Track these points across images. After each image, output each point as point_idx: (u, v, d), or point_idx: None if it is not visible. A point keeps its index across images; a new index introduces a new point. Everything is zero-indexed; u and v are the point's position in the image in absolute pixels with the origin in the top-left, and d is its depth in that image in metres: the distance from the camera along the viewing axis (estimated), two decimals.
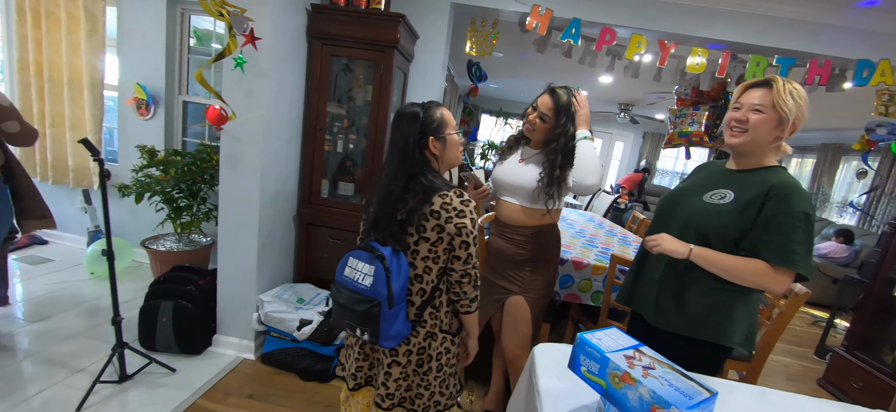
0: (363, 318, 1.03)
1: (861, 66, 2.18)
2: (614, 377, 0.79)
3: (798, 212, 1.04)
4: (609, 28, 2.23)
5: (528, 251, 1.53)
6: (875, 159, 4.74)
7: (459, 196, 1.07)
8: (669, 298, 1.22)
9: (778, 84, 1.12)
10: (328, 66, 2.08)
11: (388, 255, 1.04)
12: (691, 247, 1.15)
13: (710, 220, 1.15)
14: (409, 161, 1.09)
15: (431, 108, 1.13)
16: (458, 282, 1.08)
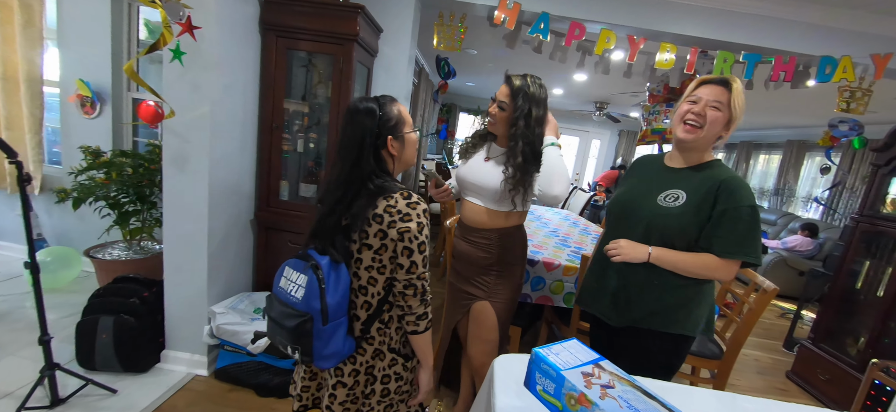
0: (294, 335, 0.91)
1: (824, 62, 2.20)
2: (570, 398, 0.72)
3: (744, 206, 1.10)
4: (578, 23, 2.17)
5: (493, 254, 1.45)
6: (837, 155, 4.91)
7: (407, 198, 0.96)
8: (630, 300, 1.23)
9: (736, 85, 1.14)
10: (284, 60, 1.95)
11: (325, 265, 0.93)
12: (650, 251, 1.17)
13: (672, 222, 1.16)
14: (364, 162, 0.98)
15: (388, 104, 1.02)
16: (401, 293, 0.97)
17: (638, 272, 1.21)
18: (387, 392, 1.05)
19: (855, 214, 2.67)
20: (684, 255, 1.16)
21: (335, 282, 0.93)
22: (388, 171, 1.03)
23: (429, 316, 1.00)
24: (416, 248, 0.95)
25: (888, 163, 2.50)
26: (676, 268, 1.16)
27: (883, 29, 2.25)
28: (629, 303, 1.23)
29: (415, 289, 0.96)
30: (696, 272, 1.16)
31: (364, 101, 1.01)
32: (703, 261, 1.14)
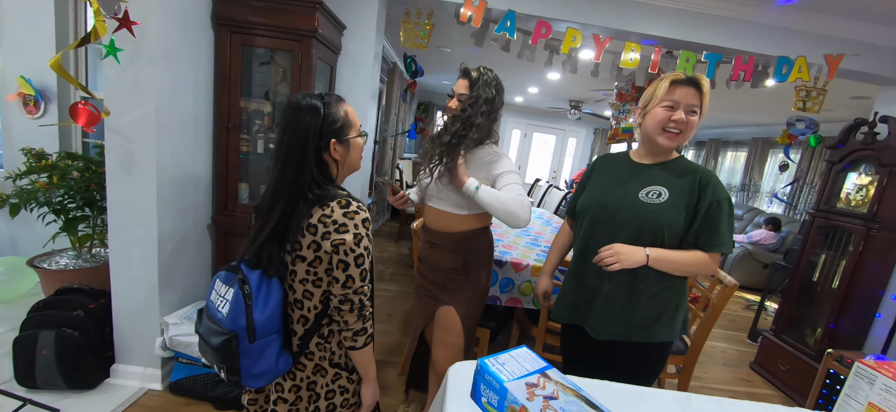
0: (219, 354, 0.84)
1: (781, 62, 2.26)
2: (510, 410, 0.69)
3: (724, 199, 1.13)
4: (544, 21, 2.16)
5: (457, 258, 1.42)
6: (797, 152, 5.12)
7: (345, 206, 0.90)
8: (617, 309, 1.20)
9: (705, 85, 1.14)
10: (239, 57, 1.86)
11: (254, 280, 0.86)
12: (647, 253, 1.14)
13: (661, 218, 1.14)
14: (304, 166, 0.90)
15: (334, 104, 0.95)
16: (336, 308, 0.91)
17: (626, 279, 1.17)
18: (332, 407, 1.00)
19: (812, 209, 2.77)
20: (680, 254, 1.15)
21: (265, 297, 0.87)
22: (330, 177, 0.96)
23: (367, 331, 0.94)
24: (353, 261, 0.88)
25: (842, 160, 2.60)
26: (673, 267, 1.15)
27: (836, 30, 2.33)
28: (616, 313, 1.19)
29: (351, 304, 0.90)
30: (690, 269, 1.16)
31: (307, 96, 0.94)
32: (697, 257, 1.14)
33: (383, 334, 2.63)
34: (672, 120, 1.14)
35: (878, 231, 2.38)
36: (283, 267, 0.92)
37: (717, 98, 4.85)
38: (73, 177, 2.08)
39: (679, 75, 1.16)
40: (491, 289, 2.05)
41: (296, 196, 0.90)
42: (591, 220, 1.26)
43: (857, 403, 1.03)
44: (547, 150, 8.90)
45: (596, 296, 1.23)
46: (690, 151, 8.01)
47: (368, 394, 1.02)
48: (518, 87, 6.25)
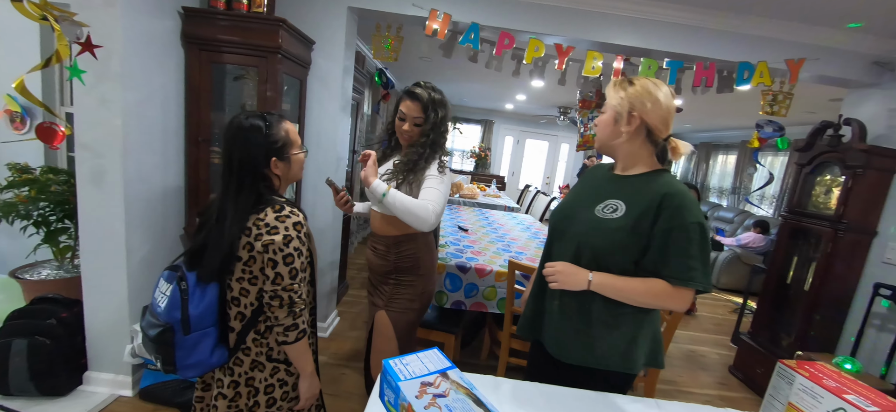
0: (155, 344, 0.94)
1: (742, 67, 2.30)
2: (403, 408, 0.73)
3: (693, 223, 0.96)
4: (507, 33, 2.22)
5: (389, 262, 1.46)
6: (766, 155, 5.13)
7: (278, 211, 0.98)
8: (571, 332, 1.09)
9: (611, 81, 1.11)
10: (208, 73, 1.94)
11: (191, 277, 0.95)
12: (589, 278, 1.01)
13: (606, 238, 1.02)
14: (247, 182, 0.99)
15: (276, 125, 1.04)
16: (267, 305, 0.98)
17: (578, 301, 1.06)
18: (273, 401, 1.06)
19: (783, 212, 2.79)
20: (631, 281, 1.00)
21: (201, 293, 0.95)
22: (273, 189, 1.05)
23: (298, 326, 1.00)
24: (281, 260, 0.96)
25: (810, 162, 2.63)
26: (621, 295, 1.00)
27: (796, 36, 2.37)
28: (569, 335, 1.09)
29: (280, 300, 0.97)
30: (644, 301, 1.00)
31: (249, 117, 1.02)
32: (653, 287, 0.98)
33: (358, 341, 2.67)
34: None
35: (845, 232, 2.39)
36: (218, 268, 0.98)
37: (706, 104, 4.89)
38: (52, 190, 2.15)
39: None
40: (455, 295, 2.10)
41: (241, 212, 0.98)
42: (550, 232, 1.21)
43: (778, 403, 1.05)
44: (540, 156, 8.94)
45: (552, 316, 1.13)
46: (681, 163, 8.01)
47: (305, 387, 1.08)
48: (507, 95, 6.33)
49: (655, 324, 1.12)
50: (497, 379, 1.06)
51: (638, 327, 1.07)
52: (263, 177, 1.02)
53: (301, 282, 1.00)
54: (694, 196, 1.05)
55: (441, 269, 2.08)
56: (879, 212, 2.41)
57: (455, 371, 0.82)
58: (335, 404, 2.02)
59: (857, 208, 2.38)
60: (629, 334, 1.06)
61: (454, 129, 7.82)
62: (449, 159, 1.52)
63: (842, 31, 2.34)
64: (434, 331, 2.04)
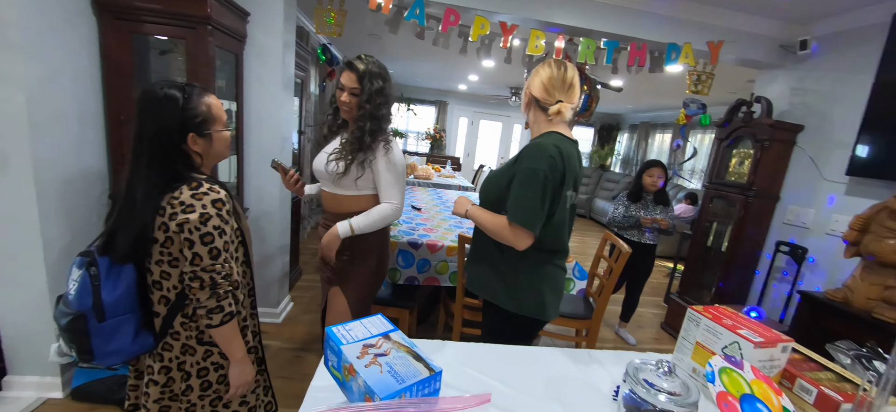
0: (67, 334, 0.89)
1: (670, 48, 2.49)
2: (345, 370, 0.76)
3: (525, 168, 1.13)
4: (452, 9, 2.23)
5: (345, 239, 1.46)
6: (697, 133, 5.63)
7: (195, 188, 0.92)
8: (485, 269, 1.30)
9: (534, 71, 1.26)
10: (127, 45, 1.77)
11: (104, 262, 0.90)
12: (468, 208, 1.28)
13: (489, 182, 1.28)
14: (163, 158, 0.92)
15: (195, 97, 0.97)
16: (188, 286, 0.93)
17: (477, 240, 1.32)
18: (207, 384, 1.03)
19: (705, 183, 3.08)
20: (488, 214, 1.23)
21: (115, 278, 0.91)
22: (194, 166, 0.99)
23: (223, 309, 0.96)
24: (199, 240, 0.91)
25: (728, 137, 2.92)
26: (482, 224, 1.24)
27: (717, 20, 2.58)
28: (482, 276, 1.32)
29: (201, 281, 0.93)
30: (494, 231, 1.20)
31: (166, 86, 0.95)
32: (498, 221, 1.19)
33: (313, 325, 2.65)
34: None
35: (755, 198, 2.70)
36: (134, 251, 0.93)
37: (647, 85, 5.21)
38: None
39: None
40: (408, 271, 2.14)
41: (153, 190, 0.92)
42: None
43: (688, 343, 1.20)
44: (494, 136, 9.11)
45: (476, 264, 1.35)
46: (625, 134, 8.52)
47: (235, 374, 1.04)
48: (459, 75, 6.34)
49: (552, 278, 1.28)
50: (443, 342, 1.11)
51: (531, 274, 1.24)
52: (181, 153, 0.96)
53: (225, 262, 0.96)
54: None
55: (393, 247, 2.10)
56: (782, 179, 2.74)
57: (397, 332, 0.86)
58: (292, 387, 2.01)
59: (764, 177, 2.69)
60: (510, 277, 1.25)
61: (408, 111, 7.73)
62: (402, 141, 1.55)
63: (754, 16, 2.59)
64: (388, 308, 2.07)
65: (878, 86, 2.15)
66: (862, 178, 2.26)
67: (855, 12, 2.35)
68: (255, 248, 2.47)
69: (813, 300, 2.12)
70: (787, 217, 2.70)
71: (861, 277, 1.97)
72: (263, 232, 2.48)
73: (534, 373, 1.03)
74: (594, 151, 8.84)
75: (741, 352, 0.97)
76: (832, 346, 1.20)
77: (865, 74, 2.23)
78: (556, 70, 1.23)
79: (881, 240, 1.88)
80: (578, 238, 6.09)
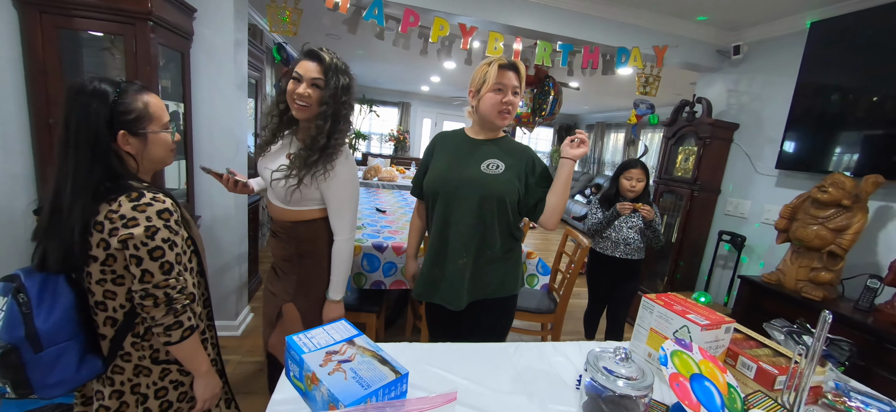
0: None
1: (620, 52, 2.62)
2: (307, 379, 0.73)
3: (543, 163, 1.37)
4: (412, 10, 2.22)
5: (291, 246, 1.34)
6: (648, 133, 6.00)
7: (135, 200, 0.85)
8: (472, 278, 1.33)
9: (522, 69, 1.29)
10: (54, 42, 1.61)
11: (33, 287, 0.81)
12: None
13: (504, 187, 1.29)
14: (92, 159, 0.83)
15: (131, 93, 0.88)
16: (140, 305, 0.87)
17: (479, 251, 1.32)
18: (168, 404, 0.96)
19: (656, 179, 3.28)
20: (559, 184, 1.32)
21: (50, 303, 0.82)
22: (130, 172, 0.90)
23: (183, 324, 0.90)
24: (147, 255, 0.84)
25: (674, 135, 3.11)
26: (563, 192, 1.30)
27: (662, 26, 2.75)
28: (471, 282, 1.33)
29: (154, 299, 0.86)
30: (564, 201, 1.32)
31: (98, 80, 0.87)
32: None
33: None
34: (503, 102, 1.26)
35: (700, 192, 2.90)
36: (72, 269, 0.85)
37: (601, 87, 5.45)
38: None
39: (503, 59, 1.27)
40: (373, 275, 2.10)
41: (82, 192, 0.83)
42: (443, 199, 1.33)
43: (643, 329, 1.26)
44: None
45: (455, 271, 1.32)
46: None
47: (201, 388, 0.99)
48: (422, 77, 6.34)
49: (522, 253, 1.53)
50: (410, 343, 1.10)
51: (517, 255, 1.41)
52: (112, 154, 0.86)
53: (179, 275, 0.89)
54: None
55: (358, 251, 2.06)
56: (722, 173, 2.97)
57: (362, 337, 0.84)
58: (255, 404, 1.90)
59: (707, 172, 2.89)
60: (513, 262, 1.39)
61: (371, 112, 7.62)
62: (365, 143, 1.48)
63: (693, 23, 2.78)
64: (354, 313, 2.02)
65: (799, 87, 2.39)
66: (789, 171, 2.49)
67: (777, 21, 2.59)
68: (211, 258, 2.33)
69: (751, 283, 2.31)
70: (728, 208, 2.92)
71: (791, 261, 2.17)
72: (219, 240, 2.35)
73: (500, 368, 1.05)
74: (554, 150, 9.13)
75: (690, 335, 1.03)
76: (768, 325, 1.31)
77: (789, 77, 2.46)
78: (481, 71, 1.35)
79: (806, 226, 2.08)
80: (541, 234, 6.27)
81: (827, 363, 1.03)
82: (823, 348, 0.85)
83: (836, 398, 0.95)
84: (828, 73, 2.28)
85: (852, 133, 2.17)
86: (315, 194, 1.29)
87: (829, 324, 0.82)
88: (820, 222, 2.02)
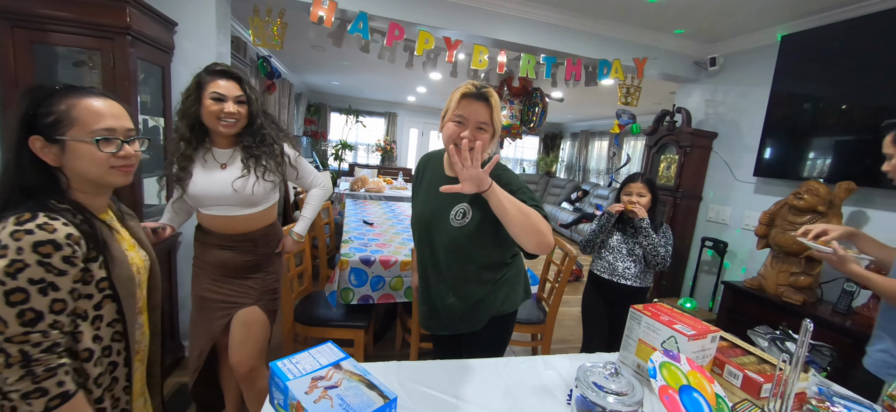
0: None
1: (602, 64, 2.67)
2: (292, 408, 0.71)
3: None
4: (397, 24, 2.23)
5: (256, 256, 1.42)
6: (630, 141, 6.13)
7: (23, 222, 0.69)
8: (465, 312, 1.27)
9: (494, 100, 1.08)
10: (28, 57, 1.56)
11: None
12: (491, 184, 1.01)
13: (467, 241, 1.17)
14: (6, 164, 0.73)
15: (61, 95, 0.75)
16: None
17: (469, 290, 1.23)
18: None
19: None
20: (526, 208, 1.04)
21: None
22: (58, 187, 0.77)
23: (47, 391, 0.70)
24: (3, 299, 0.67)
25: (656, 144, 3.18)
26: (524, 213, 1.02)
27: (641, 39, 2.83)
28: (465, 316, 1.27)
29: (6, 357, 0.68)
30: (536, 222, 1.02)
31: (47, 82, 0.81)
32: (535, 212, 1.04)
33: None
34: (461, 136, 1.02)
35: (682, 199, 2.97)
36: None
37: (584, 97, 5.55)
38: None
39: (470, 88, 1.08)
40: (361, 290, 2.07)
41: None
42: (421, 241, 1.29)
43: (632, 341, 1.27)
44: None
45: (447, 309, 1.28)
46: (567, 142, 9.02)
47: None
48: (408, 87, 6.36)
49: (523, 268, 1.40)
50: (399, 363, 1.08)
51: (515, 272, 1.33)
52: (31, 164, 0.74)
53: (50, 328, 0.71)
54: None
55: (345, 266, 2.03)
56: (703, 181, 3.04)
57: (349, 361, 0.82)
58: None
59: (688, 179, 2.96)
60: (511, 282, 1.31)
61: (357, 123, 7.59)
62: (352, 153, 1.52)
63: (671, 36, 2.87)
64: (341, 329, 1.99)
65: (773, 98, 2.47)
66: (767, 178, 2.57)
67: (749, 35, 2.69)
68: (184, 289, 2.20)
69: (735, 289, 2.35)
70: (710, 215, 2.99)
71: (771, 266, 2.23)
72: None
73: (491, 385, 1.04)
74: (540, 159, 9.24)
75: (678, 345, 1.04)
76: (752, 332, 1.34)
77: (763, 88, 2.55)
78: None
79: (784, 232, 2.14)
80: None
81: (810, 369, 1.05)
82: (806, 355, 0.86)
83: (820, 403, 0.97)
84: (799, 83, 2.37)
85: (824, 140, 2.25)
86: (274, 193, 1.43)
87: (811, 331, 0.83)
88: (797, 228, 2.08)
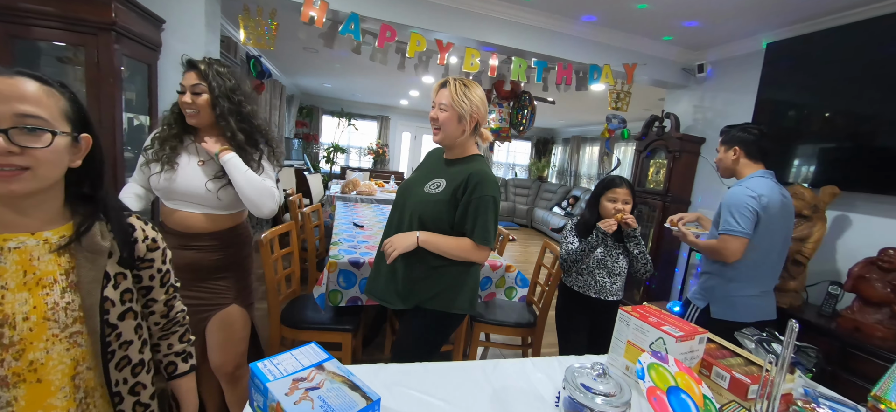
0: None
1: (592, 69, 2.70)
2: (272, 410, 0.69)
3: (489, 197, 1.25)
4: (389, 25, 2.23)
5: (227, 255, 1.37)
6: (621, 146, 6.19)
7: None
8: (399, 284, 1.33)
9: (451, 84, 1.26)
10: (7, 51, 1.52)
11: None
12: (417, 236, 1.27)
13: (429, 209, 1.29)
14: None
15: None
16: None
17: (416, 260, 1.29)
18: None
19: None
20: (447, 239, 1.28)
21: None
22: None
23: None
24: None
25: (645, 148, 3.22)
26: (440, 249, 1.27)
27: (630, 45, 2.86)
28: (398, 288, 1.33)
29: None
30: (457, 254, 1.28)
31: None
32: (462, 244, 1.28)
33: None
34: (431, 118, 1.28)
35: (671, 203, 2.99)
36: None
37: (575, 102, 5.60)
38: None
39: (443, 79, 1.29)
40: (350, 292, 2.05)
41: None
42: (394, 206, 1.42)
43: (620, 343, 1.26)
44: None
45: (394, 275, 1.34)
46: (559, 147, 9.08)
47: None
48: (400, 91, 6.35)
49: (473, 276, 1.38)
50: (383, 365, 1.06)
51: (457, 277, 1.33)
52: None
53: None
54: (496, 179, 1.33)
55: (333, 267, 2.00)
56: (691, 185, 3.08)
57: (332, 362, 0.80)
58: None
59: (677, 183, 2.99)
60: (450, 283, 1.33)
61: (349, 126, 7.56)
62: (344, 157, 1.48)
63: (660, 42, 2.91)
64: (329, 332, 1.95)
65: (759, 104, 2.51)
66: None
67: (735, 42, 2.74)
68: None
69: None
70: None
71: None
72: None
73: (478, 387, 1.02)
74: (532, 163, 9.29)
75: (666, 347, 1.04)
76: (739, 333, 1.34)
77: (750, 94, 2.59)
78: (482, 90, 1.30)
79: None
80: (520, 247, 6.31)
81: (796, 370, 1.06)
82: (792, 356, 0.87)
83: (806, 404, 0.97)
84: (784, 90, 2.42)
85: (809, 146, 2.29)
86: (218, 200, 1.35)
87: (797, 332, 0.84)
88: None
